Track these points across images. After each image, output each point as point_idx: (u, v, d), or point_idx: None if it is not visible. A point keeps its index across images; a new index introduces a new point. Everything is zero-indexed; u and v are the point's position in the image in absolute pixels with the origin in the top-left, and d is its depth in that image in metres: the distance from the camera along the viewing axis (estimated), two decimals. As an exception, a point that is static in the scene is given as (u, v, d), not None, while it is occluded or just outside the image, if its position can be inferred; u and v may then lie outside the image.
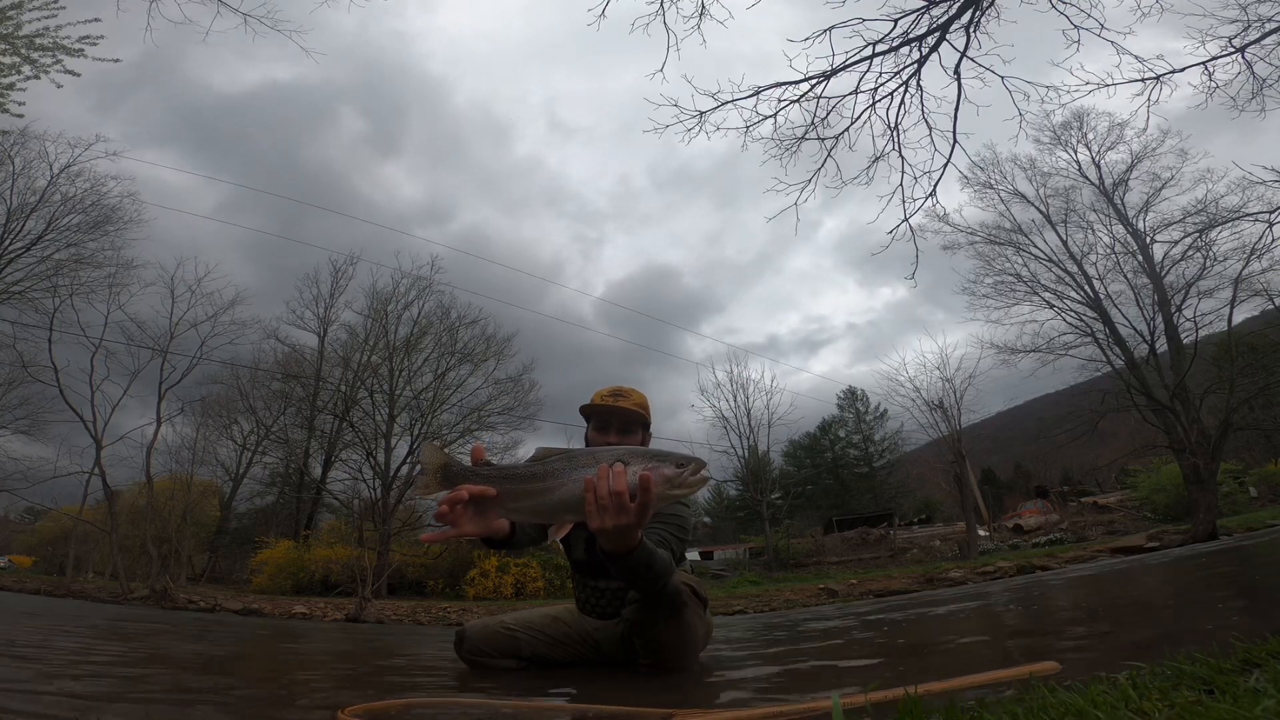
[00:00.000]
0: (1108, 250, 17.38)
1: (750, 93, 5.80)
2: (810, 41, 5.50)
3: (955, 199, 21.59)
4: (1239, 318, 15.51)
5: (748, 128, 6.01)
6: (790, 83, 5.78)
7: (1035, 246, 17.88)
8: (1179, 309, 15.80)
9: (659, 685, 1.81)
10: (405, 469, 20.60)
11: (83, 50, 5.95)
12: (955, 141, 5.87)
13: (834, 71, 5.69)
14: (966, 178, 16.98)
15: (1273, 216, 8.87)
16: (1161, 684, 0.91)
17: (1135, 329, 16.59)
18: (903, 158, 6.08)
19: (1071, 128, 17.76)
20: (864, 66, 5.68)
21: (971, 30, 5.36)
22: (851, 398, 38.89)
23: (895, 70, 5.75)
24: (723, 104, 5.83)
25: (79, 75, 6.02)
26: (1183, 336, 15.71)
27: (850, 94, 5.88)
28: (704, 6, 5.67)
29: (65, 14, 5.90)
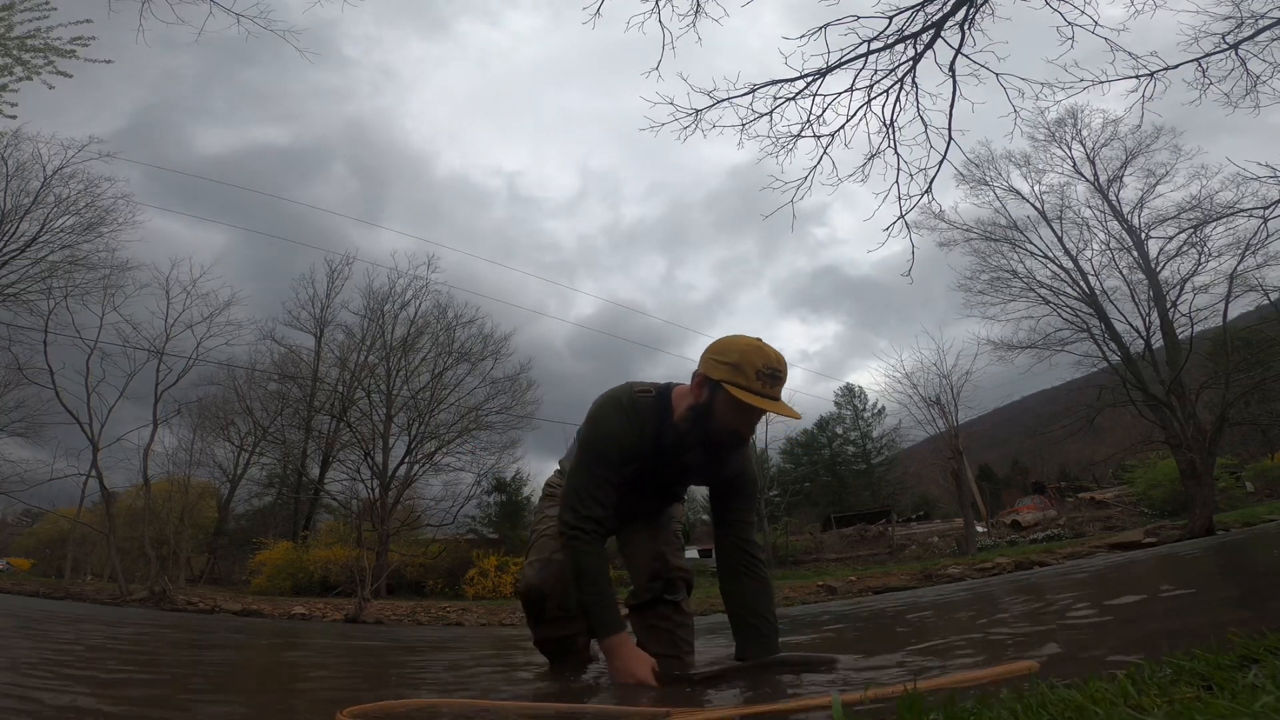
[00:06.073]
0: (1103, 246, 17.45)
1: (746, 90, 5.80)
2: (805, 39, 5.48)
3: (951, 196, 21.62)
4: (1234, 313, 15.62)
5: (743, 125, 6.00)
6: (785, 80, 5.77)
7: (1030, 243, 17.93)
8: (1174, 304, 15.87)
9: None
10: (403, 469, 20.57)
11: (74, 51, 5.91)
12: (951, 138, 5.87)
13: (829, 69, 5.68)
14: (962, 174, 16.95)
15: (1267, 212, 8.90)
16: (1160, 680, 0.91)
17: (1131, 324, 16.69)
18: (898, 154, 6.08)
19: (1066, 124, 17.75)
20: (859, 64, 5.68)
21: (966, 27, 5.35)
22: (849, 395, 38.94)
23: (891, 67, 5.74)
24: (718, 102, 5.81)
25: (70, 76, 5.98)
26: (1178, 332, 15.78)
27: (846, 91, 5.88)
28: (699, 5, 5.66)
29: (57, 15, 5.86)
